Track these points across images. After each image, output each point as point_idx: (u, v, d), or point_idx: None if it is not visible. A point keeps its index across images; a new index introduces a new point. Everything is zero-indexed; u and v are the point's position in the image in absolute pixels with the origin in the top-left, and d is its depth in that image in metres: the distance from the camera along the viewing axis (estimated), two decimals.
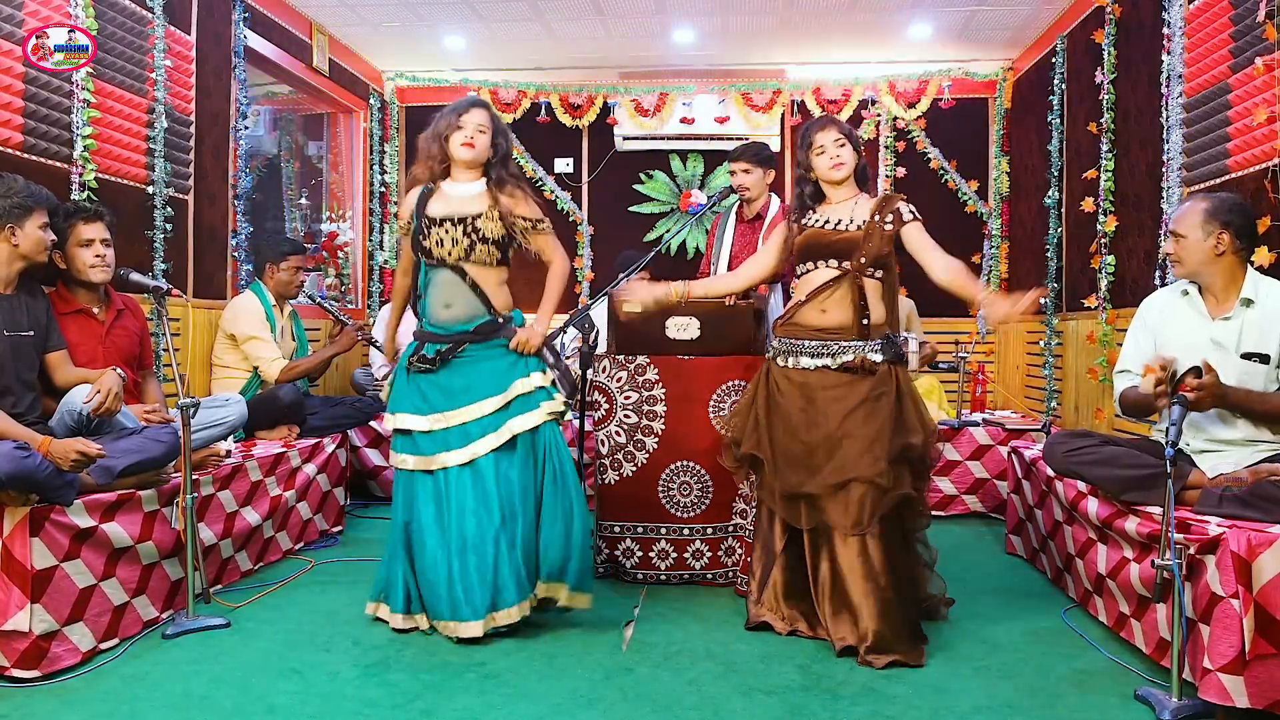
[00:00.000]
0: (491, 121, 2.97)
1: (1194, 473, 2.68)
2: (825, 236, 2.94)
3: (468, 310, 2.91)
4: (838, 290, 2.90)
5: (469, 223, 2.88)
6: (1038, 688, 2.50)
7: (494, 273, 2.95)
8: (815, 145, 2.98)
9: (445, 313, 2.92)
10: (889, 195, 3.00)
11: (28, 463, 2.36)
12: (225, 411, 3.47)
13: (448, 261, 2.89)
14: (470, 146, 2.91)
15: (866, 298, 2.88)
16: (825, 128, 2.99)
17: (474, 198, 2.95)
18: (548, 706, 2.35)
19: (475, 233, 2.87)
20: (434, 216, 2.91)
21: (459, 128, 2.92)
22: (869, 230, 2.89)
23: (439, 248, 2.88)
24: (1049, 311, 5.01)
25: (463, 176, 2.98)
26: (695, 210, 6.06)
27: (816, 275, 2.94)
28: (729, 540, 3.43)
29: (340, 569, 3.61)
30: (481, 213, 2.90)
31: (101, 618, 2.65)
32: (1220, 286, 2.74)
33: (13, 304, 2.79)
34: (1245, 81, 3.16)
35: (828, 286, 2.90)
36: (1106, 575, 2.85)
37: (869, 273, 2.89)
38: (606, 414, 3.44)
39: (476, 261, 2.89)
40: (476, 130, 2.92)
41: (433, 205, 2.94)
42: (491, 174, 2.97)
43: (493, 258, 2.92)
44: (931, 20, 5.22)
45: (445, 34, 5.51)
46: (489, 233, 2.89)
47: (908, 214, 2.91)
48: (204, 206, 4.25)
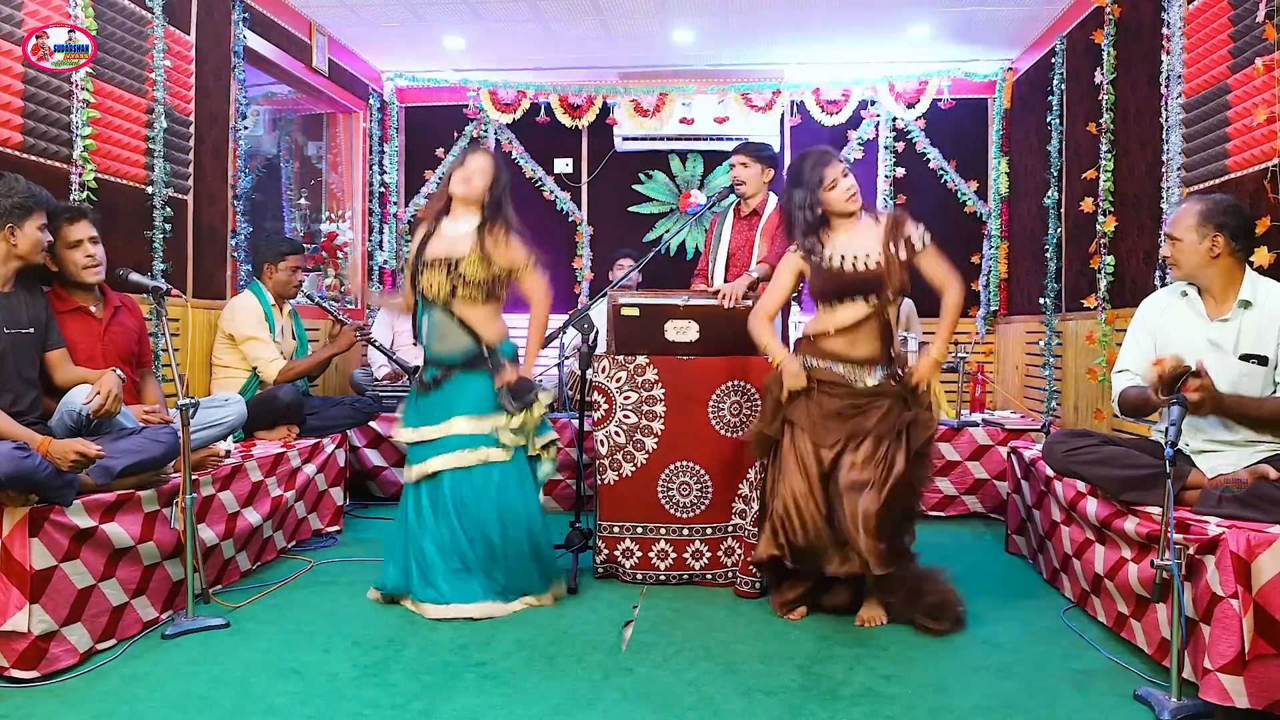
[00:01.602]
0: (492, 169, 3.24)
1: (1193, 473, 2.68)
2: (845, 277, 3.01)
3: (458, 344, 3.18)
4: (866, 326, 3.00)
5: (453, 266, 3.14)
6: (1037, 688, 2.50)
7: (482, 309, 3.19)
8: (827, 181, 3.02)
9: (439, 345, 3.21)
10: (895, 218, 3.04)
11: (27, 463, 2.36)
12: (224, 412, 3.47)
13: (437, 302, 3.17)
14: (465, 183, 3.21)
15: (891, 326, 3.01)
16: (830, 162, 3.05)
17: (463, 238, 3.19)
18: (548, 706, 2.35)
19: (459, 277, 3.13)
20: (426, 260, 3.18)
21: (461, 166, 3.24)
22: (888, 264, 2.96)
23: (430, 290, 3.17)
24: (1048, 311, 5.02)
25: (460, 213, 3.25)
26: (694, 210, 6.06)
27: (843, 313, 3.02)
28: (728, 540, 3.42)
29: (340, 569, 3.61)
30: (464, 257, 3.14)
31: (100, 618, 2.64)
32: (1218, 288, 2.74)
33: (12, 301, 2.79)
34: (1245, 82, 3.16)
35: (860, 324, 3.00)
36: (1104, 575, 2.85)
37: (893, 302, 3.01)
38: (606, 414, 3.44)
39: (463, 300, 3.16)
40: (476, 172, 3.22)
41: (430, 246, 3.21)
42: (486, 214, 3.22)
43: (479, 296, 3.17)
44: (931, 20, 5.22)
45: (445, 34, 5.51)
46: (471, 275, 3.13)
47: (919, 241, 3.00)
48: (203, 206, 4.25)
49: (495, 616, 3.04)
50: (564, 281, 6.21)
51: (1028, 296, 5.50)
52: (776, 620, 3.06)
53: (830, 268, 3.02)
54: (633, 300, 3.51)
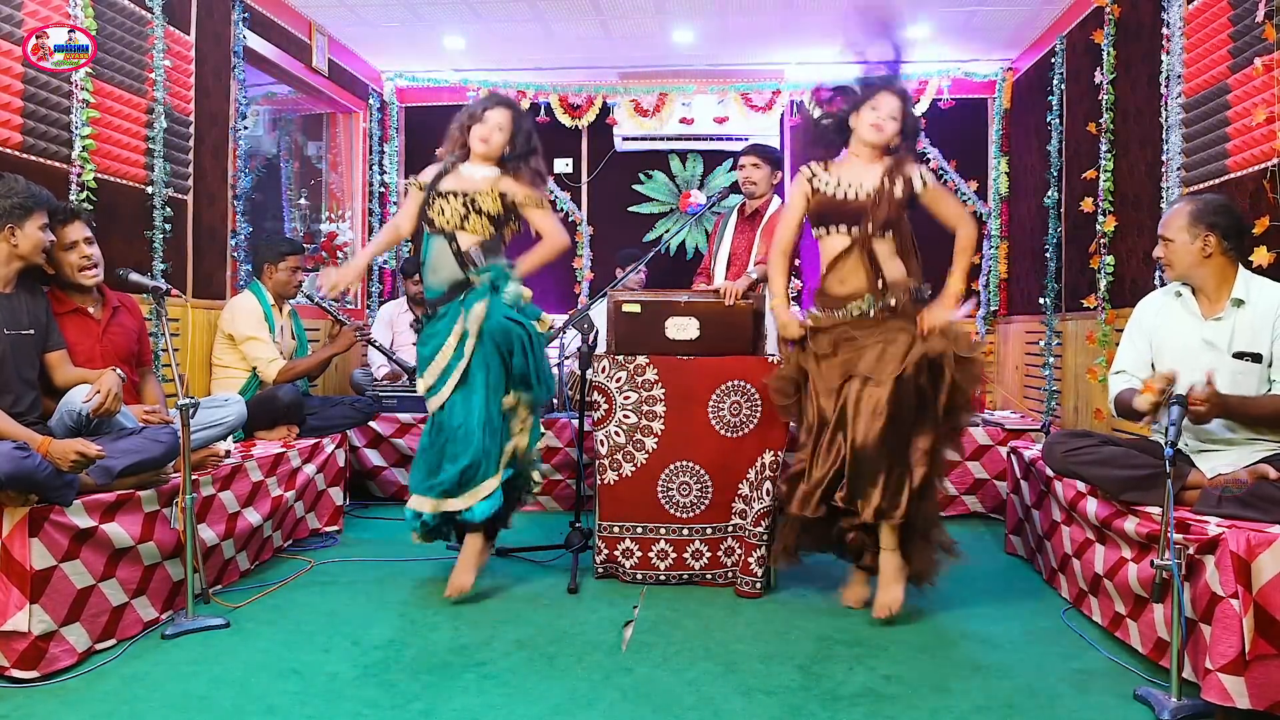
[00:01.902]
0: (513, 123, 3.19)
1: (1193, 473, 2.69)
2: (833, 203, 3.02)
3: (449, 274, 3.17)
4: (850, 259, 3.02)
5: (468, 196, 3.15)
6: (1037, 688, 2.50)
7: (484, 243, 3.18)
8: (873, 101, 3.00)
9: (432, 278, 3.21)
10: (900, 159, 3.04)
11: (27, 463, 2.36)
12: (224, 412, 3.47)
13: (445, 230, 3.16)
14: (484, 142, 3.17)
15: (879, 260, 2.98)
16: (894, 93, 3.01)
17: (482, 180, 3.20)
18: (548, 706, 2.35)
19: (472, 204, 3.14)
20: (441, 190, 3.19)
21: (480, 122, 3.18)
22: (878, 196, 2.95)
23: (440, 216, 3.16)
24: (1048, 311, 5.02)
25: (479, 162, 3.23)
26: (694, 210, 6.07)
27: (830, 243, 3.07)
28: (728, 540, 3.43)
29: (340, 569, 3.61)
30: (483, 190, 3.16)
31: (99, 618, 2.64)
32: (1212, 287, 2.76)
33: (13, 303, 2.79)
34: (1244, 82, 3.16)
35: (841, 257, 3.02)
36: (1103, 575, 2.85)
37: (879, 236, 2.98)
38: (606, 414, 3.44)
39: (469, 230, 3.15)
40: (495, 128, 3.17)
41: (445, 181, 3.22)
42: (507, 164, 3.20)
43: (485, 230, 3.16)
44: (931, 20, 5.22)
45: (445, 34, 5.51)
46: (484, 206, 3.14)
47: (919, 181, 2.99)
48: (203, 206, 4.25)
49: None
50: (564, 281, 6.21)
51: (1027, 296, 5.50)
52: (777, 620, 3.06)
53: (825, 193, 3.06)
54: (634, 297, 3.52)
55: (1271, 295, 2.69)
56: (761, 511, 3.32)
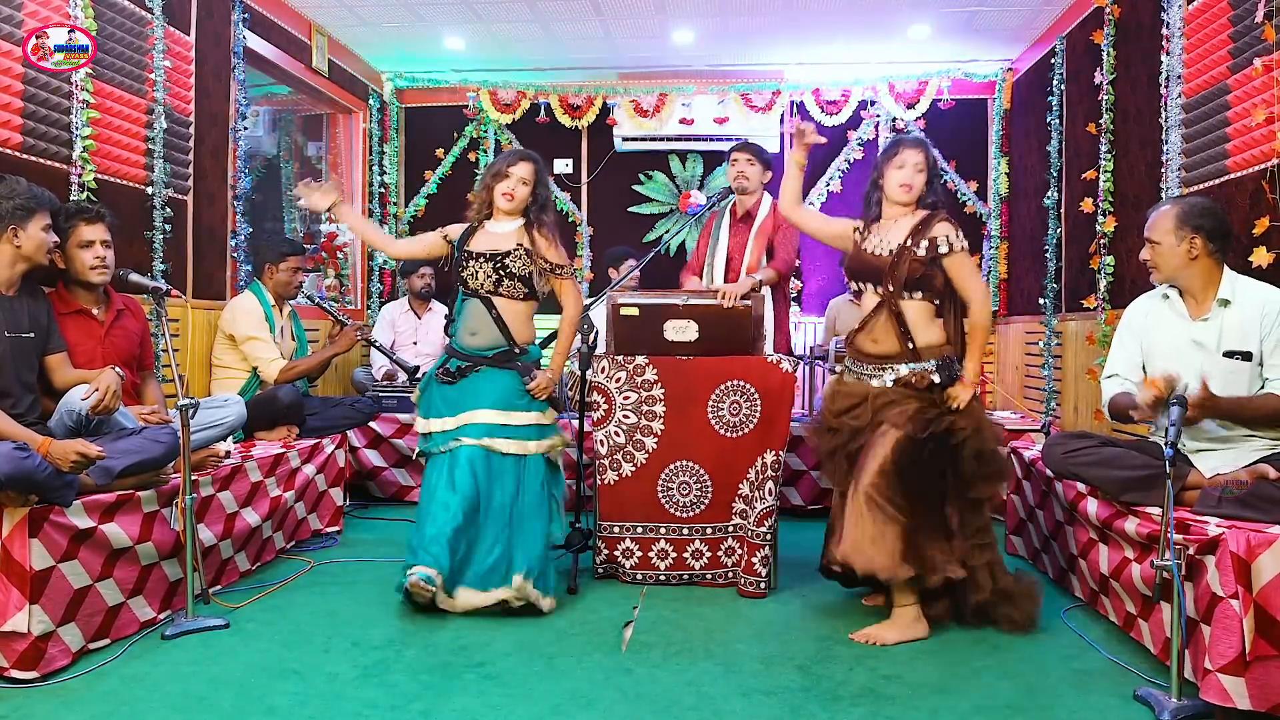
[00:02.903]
0: (535, 174, 3.27)
1: (1192, 473, 2.69)
2: (862, 257, 3.02)
3: (490, 339, 3.21)
4: (880, 317, 2.97)
5: (499, 259, 3.18)
6: (1038, 688, 2.50)
7: (519, 306, 3.23)
8: (897, 160, 3.00)
9: (470, 339, 3.23)
10: (930, 217, 2.96)
11: (27, 463, 2.36)
12: (224, 412, 3.47)
13: (480, 292, 3.20)
14: (509, 197, 3.23)
15: (907, 322, 2.92)
16: (915, 148, 3.02)
17: (508, 235, 3.25)
18: (548, 706, 2.35)
19: (503, 269, 3.17)
20: (472, 251, 3.22)
21: (505, 177, 3.24)
22: (899, 255, 2.91)
23: (473, 279, 3.20)
24: (1048, 312, 5.02)
25: (503, 217, 3.29)
26: (694, 211, 6.07)
27: (865, 300, 3.06)
28: (729, 540, 3.43)
29: (339, 570, 3.61)
30: (511, 251, 3.20)
31: (94, 618, 2.64)
32: (1198, 288, 2.78)
33: (14, 305, 2.79)
34: (1244, 82, 3.16)
35: (873, 314, 2.99)
36: (1110, 575, 2.85)
37: (905, 296, 2.92)
38: (605, 414, 3.44)
39: (504, 295, 3.20)
40: (519, 182, 3.23)
41: (474, 241, 3.26)
42: (530, 216, 3.26)
43: (519, 292, 3.21)
44: (931, 20, 5.22)
45: (445, 34, 5.51)
46: (515, 269, 3.18)
47: (945, 244, 2.91)
48: (203, 207, 4.25)
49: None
50: None
51: (1027, 297, 5.50)
52: (777, 620, 3.06)
53: (860, 247, 3.05)
54: (632, 300, 3.52)
55: (1257, 294, 2.71)
56: (764, 511, 3.32)
